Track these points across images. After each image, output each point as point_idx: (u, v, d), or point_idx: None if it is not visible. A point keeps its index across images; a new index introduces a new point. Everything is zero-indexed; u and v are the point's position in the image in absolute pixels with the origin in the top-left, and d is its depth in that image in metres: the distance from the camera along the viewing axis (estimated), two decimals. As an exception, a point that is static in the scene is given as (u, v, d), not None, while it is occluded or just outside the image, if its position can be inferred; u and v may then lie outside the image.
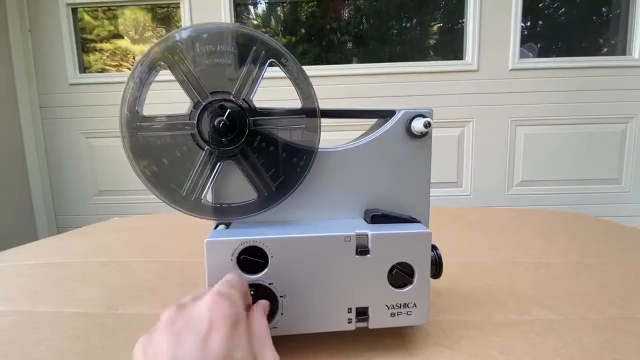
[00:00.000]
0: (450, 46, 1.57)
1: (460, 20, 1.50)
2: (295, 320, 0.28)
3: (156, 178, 0.29)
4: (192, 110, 0.28)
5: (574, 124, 1.48)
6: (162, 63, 0.28)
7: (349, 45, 1.65)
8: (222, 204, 0.30)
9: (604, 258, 0.54)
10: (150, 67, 0.28)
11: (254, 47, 0.28)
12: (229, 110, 0.28)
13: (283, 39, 1.66)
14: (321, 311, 0.29)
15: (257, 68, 0.28)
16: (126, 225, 0.87)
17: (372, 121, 0.37)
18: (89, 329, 0.36)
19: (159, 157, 0.29)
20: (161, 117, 0.29)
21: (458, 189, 1.54)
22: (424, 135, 0.33)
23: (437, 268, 0.32)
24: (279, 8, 1.67)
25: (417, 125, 0.32)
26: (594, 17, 1.56)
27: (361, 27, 1.62)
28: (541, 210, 0.91)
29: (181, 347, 0.19)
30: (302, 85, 0.29)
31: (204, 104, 0.28)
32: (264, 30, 1.65)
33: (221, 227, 0.31)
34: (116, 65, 1.65)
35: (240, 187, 0.30)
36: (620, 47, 1.51)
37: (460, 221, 0.79)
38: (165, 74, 0.28)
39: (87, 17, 1.61)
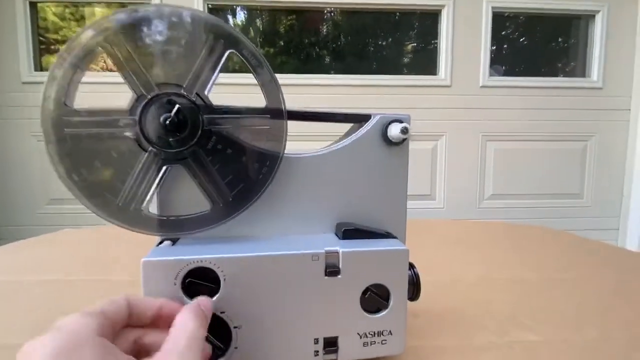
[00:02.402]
0: (424, 65, 1.61)
1: (433, 41, 1.55)
2: (252, 355, 0.24)
3: (86, 184, 0.24)
4: (133, 105, 0.24)
5: (539, 140, 1.55)
6: (99, 48, 0.24)
7: (327, 59, 1.65)
8: (169, 216, 0.26)
9: (577, 273, 0.53)
10: (84, 53, 0.24)
11: (211, 35, 0.25)
12: (178, 105, 0.24)
13: (262, 50, 1.64)
14: (283, 344, 0.25)
15: (213, 58, 0.25)
16: (77, 237, 0.78)
17: (347, 128, 0.34)
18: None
19: (90, 159, 0.24)
20: (95, 110, 0.24)
21: (431, 202, 1.55)
22: (401, 143, 0.30)
23: (414, 289, 0.29)
24: (258, 19, 1.65)
25: (394, 131, 0.29)
26: (553, 44, 1.67)
27: (339, 42, 1.63)
28: (513, 224, 0.92)
29: None
30: (266, 81, 0.26)
31: (148, 97, 0.24)
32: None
33: (166, 243, 0.26)
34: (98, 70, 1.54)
35: (190, 196, 0.26)
36: (579, 71, 1.61)
37: (433, 234, 0.78)
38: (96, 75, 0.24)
39: (52, 17, 1.51)
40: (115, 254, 0.62)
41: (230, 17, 1.66)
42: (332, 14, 1.61)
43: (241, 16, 1.67)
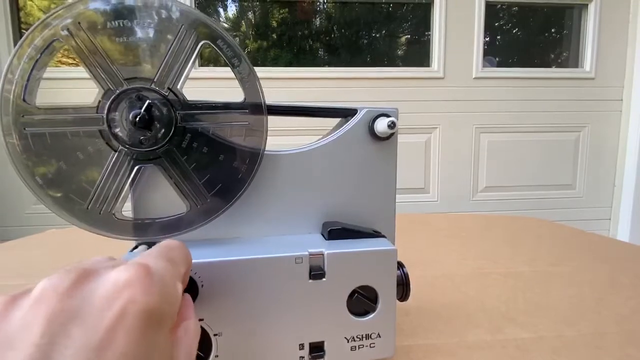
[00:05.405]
0: (418, 57, 1.60)
1: (427, 33, 1.53)
2: (233, 363, 0.23)
3: (51, 187, 0.22)
4: (100, 101, 0.22)
5: (532, 131, 1.54)
6: (60, 39, 0.22)
7: (320, 52, 1.63)
8: (144, 219, 0.24)
9: (570, 266, 0.53)
10: (45, 44, 0.22)
11: (183, 25, 0.23)
12: (148, 101, 0.22)
13: (254, 43, 1.61)
14: (266, 350, 0.23)
15: (186, 50, 0.23)
16: (62, 238, 0.76)
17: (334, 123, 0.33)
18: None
19: (54, 159, 0.22)
20: (58, 107, 0.22)
21: (425, 195, 1.54)
22: (388, 138, 0.29)
23: (404, 289, 0.28)
24: (250, 13, 1.62)
25: (381, 125, 0.28)
26: (546, 34, 1.66)
27: (332, 35, 1.61)
28: (505, 216, 0.91)
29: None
30: (244, 74, 0.24)
31: (116, 92, 0.22)
32: (234, 34, 1.58)
33: (142, 247, 0.25)
34: (73, 64, 1.50)
35: (166, 197, 0.24)
36: (572, 62, 1.60)
37: (426, 228, 0.77)
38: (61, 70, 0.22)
39: (37, 13, 1.47)
40: (102, 255, 0.61)
41: (221, 10, 1.62)
42: (325, 6, 1.59)
43: (232, 9, 1.64)
